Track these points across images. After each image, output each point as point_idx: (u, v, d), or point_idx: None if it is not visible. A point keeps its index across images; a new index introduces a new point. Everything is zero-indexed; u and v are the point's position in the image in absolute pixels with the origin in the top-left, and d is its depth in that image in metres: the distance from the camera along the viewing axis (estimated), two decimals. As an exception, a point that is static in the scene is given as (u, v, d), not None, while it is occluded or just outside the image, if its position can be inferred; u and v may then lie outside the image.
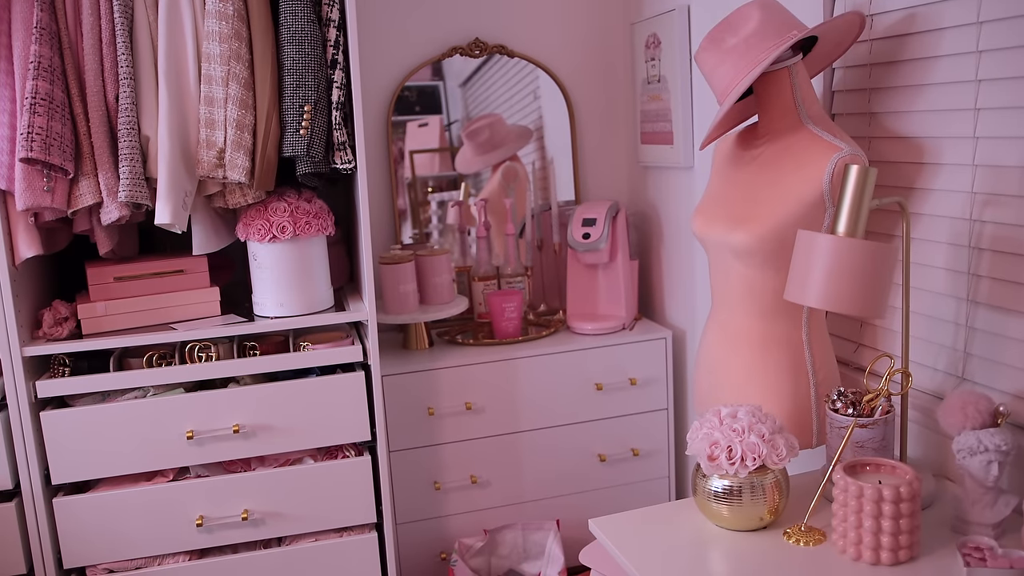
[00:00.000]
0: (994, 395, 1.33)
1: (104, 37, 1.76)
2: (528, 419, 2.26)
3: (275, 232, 1.87)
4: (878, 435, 1.34)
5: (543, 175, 2.61)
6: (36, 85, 1.67)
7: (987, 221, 1.37)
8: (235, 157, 1.79)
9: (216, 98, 1.79)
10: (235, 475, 1.92)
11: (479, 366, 2.21)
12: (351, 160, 1.90)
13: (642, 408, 2.35)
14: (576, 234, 2.36)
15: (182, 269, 1.94)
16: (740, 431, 1.30)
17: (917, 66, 1.47)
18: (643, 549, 1.32)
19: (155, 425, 1.84)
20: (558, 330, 2.41)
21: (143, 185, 1.78)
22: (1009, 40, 1.28)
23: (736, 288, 1.53)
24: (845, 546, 1.23)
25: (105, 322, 1.87)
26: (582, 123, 2.61)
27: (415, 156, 2.51)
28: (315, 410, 1.92)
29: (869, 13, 1.55)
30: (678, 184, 2.34)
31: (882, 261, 1.26)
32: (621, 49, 2.60)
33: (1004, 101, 1.31)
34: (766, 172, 1.50)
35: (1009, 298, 1.34)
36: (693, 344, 2.35)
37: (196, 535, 1.89)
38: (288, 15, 1.81)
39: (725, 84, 1.45)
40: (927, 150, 1.47)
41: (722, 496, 1.31)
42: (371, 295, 1.93)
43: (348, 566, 1.98)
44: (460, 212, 2.52)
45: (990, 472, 1.21)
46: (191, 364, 1.88)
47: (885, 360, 1.43)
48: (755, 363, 1.52)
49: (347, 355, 1.94)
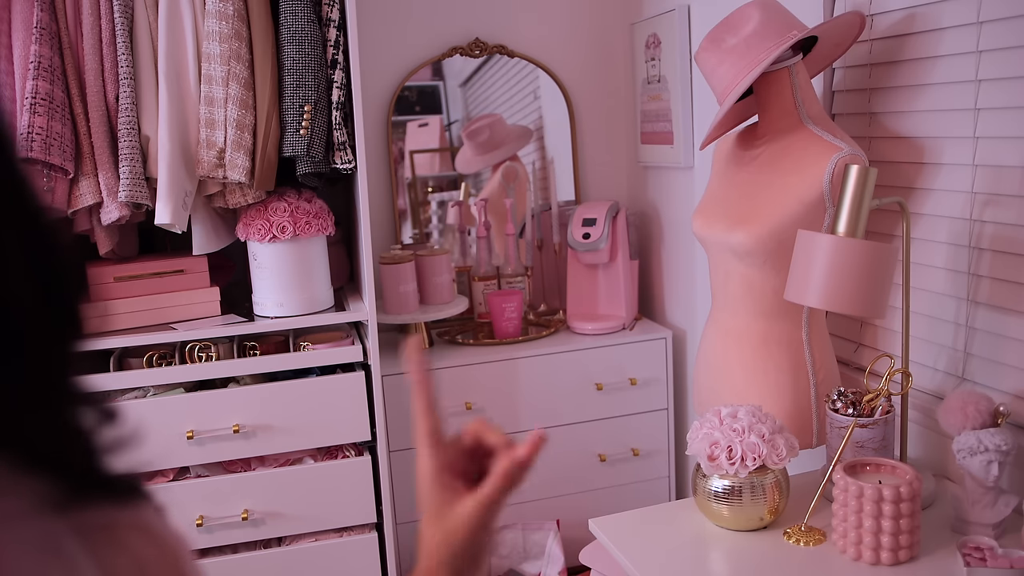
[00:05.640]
0: (994, 395, 1.33)
1: (104, 37, 1.76)
2: (528, 419, 2.26)
3: (275, 232, 1.87)
4: (878, 435, 1.34)
5: (543, 175, 2.61)
6: (36, 85, 1.67)
7: (987, 221, 1.37)
8: (235, 157, 1.79)
9: (216, 98, 1.79)
10: (235, 475, 1.92)
11: (479, 366, 2.21)
12: (351, 160, 1.90)
13: (642, 408, 2.35)
14: (576, 234, 2.35)
15: (182, 269, 1.94)
16: (740, 431, 1.30)
17: (917, 66, 1.47)
18: (643, 549, 1.32)
19: (155, 425, 1.84)
20: (558, 330, 2.41)
21: (143, 185, 1.78)
22: (1009, 40, 1.28)
23: (736, 288, 1.53)
24: (845, 546, 1.23)
25: (105, 322, 1.87)
26: (582, 123, 2.61)
27: (415, 156, 2.51)
28: (315, 410, 1.92)
29: (869, 13, 1.55)
30: (678, 184, 2.34)
31: (882, 261, 1.26)
32: (621, 49, 2.59)
33: (1004, 101, 1.31)
34: (766, 172, 1.50)
35: (1009, 298, 1.34)
36: (693, 344, 2.35)
37: (196, 535, 1.89)
38: (288, 15, 1.81)
39: (725, 84, 1.45)
40: (927, 150, 1.47)
41: (722, 496, 1.31)
42: (371, 295, 1.93)
43: (348, 566, 1.98)
44: (460, 212, 2.52)
45: (990, 472, 1.21)
46: (191, 364, 1.88)
47: (885, 360, 1.43)
48: (755, 363, 1.52)
49: (347, 355, 1.94)
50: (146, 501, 0.51)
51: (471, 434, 0.69)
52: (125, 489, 0.50)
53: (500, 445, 0.67)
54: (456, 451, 0.68)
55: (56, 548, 0.45)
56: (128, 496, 0.50)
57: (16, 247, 0.45)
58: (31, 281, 0.46)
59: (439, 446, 0.67)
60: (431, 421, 0.67)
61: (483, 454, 0.68)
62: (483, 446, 0.68)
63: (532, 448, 0.64)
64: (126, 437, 0.50)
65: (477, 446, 0.68)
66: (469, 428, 0.69)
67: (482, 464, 0.68)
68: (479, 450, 0.69)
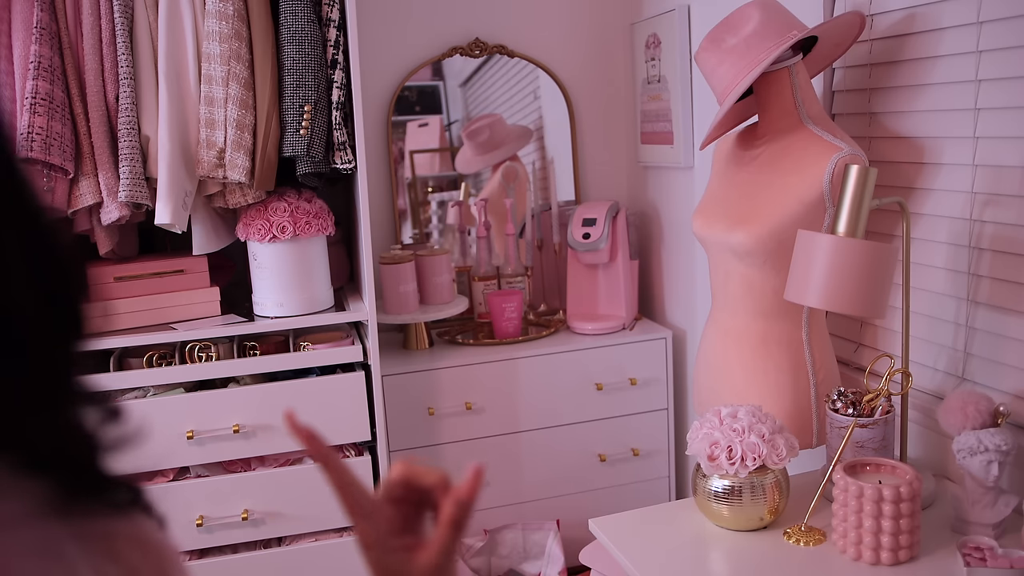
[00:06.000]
0: (994, 395, 1.33)
1: (104, 37, 1.76)
2: (528, 419, 2.26)
3: (275, 232, 1.87)
4: (878, 435, 1.34)
5: (543, 175, 2.61)
6: (36, 85, 1.67)
7: (987, 221, 1.37)
8: (235, 157, 1.79)
9: (216, 98, 1.79)
10: (235, 475, 1.92)
11: (479, 366, 2.21)
12: (351, 160, 1.90)
13: (642, 408, 2.35)
14: (576, 234, 2.35)
15: (182, 269, 1.94)
16: (740, 431, 1.30)
17: (917, 66, 1.47)
18: (643, 549, 1.32)
19: (155, 425, 1.84)
20: (558, 330, 2.41)
21: (143, 185, 1.78)
22: (1009, 40, 1.28)
23: (736, 288, 1.53)
24: (845, 546, 1.23)
25: (105, 322, 1.87)
26: (582, 123, 2.61)
27: (415, 156, 2.51)
28: (315, 410, 1.91)
29: (869, 13, 1.55)
30: (678, 184, 2.34)
31: (882, 261, 1.26)
32: (621, 49, 2.59)
33: (1004, 101, 1.31)
34: (766, 172, 1.49)
35: (1009, 298, 1.34)
36: (693, 344, 2.35)
37: (196, 535, 1.89)
38: (288, 15, 1.81)
39: (725, 84, 1.45)
40: (927, 150, 1.47)
41: (722, 496, 1.31)
42: (371, 295, 1.93)
43: (348, 566, 1.98)
44: (460, 212, 2.52)
45: (990, 472, 1.21)
46: (191, 364, 1.88)
47: (885, 360, 1.43)
48: (755, 363, 1.52)
49: (347, 355, 1.94)
50: (145, 512, 0.52)
51: (399, 480, 0.64)
52: (126, 499, 0.50)
53: (436, 486, 0.63)
54: (390, 510, 0.64)
55: (57, 553, 0.45)
56: (128, 506, 0.50)
57: (17, 248, 0.45)
58: (32, 282, 0.46)
59: (371, 515, 0.63)
60: (351, 495, 0.63)
61: (419, 498, 0.65)
62: (416, 488, 0.64)
63: (472, 486, 0.61)
64: (130, 436, 0.50)
65: (409, 491, 0.64)
66: (395, 476, 0.65)
67: (419, 508, 0.65)
68: (414, 495, 0.64)
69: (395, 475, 0.65)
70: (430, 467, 0.64)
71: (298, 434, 0.62)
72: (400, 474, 0.65)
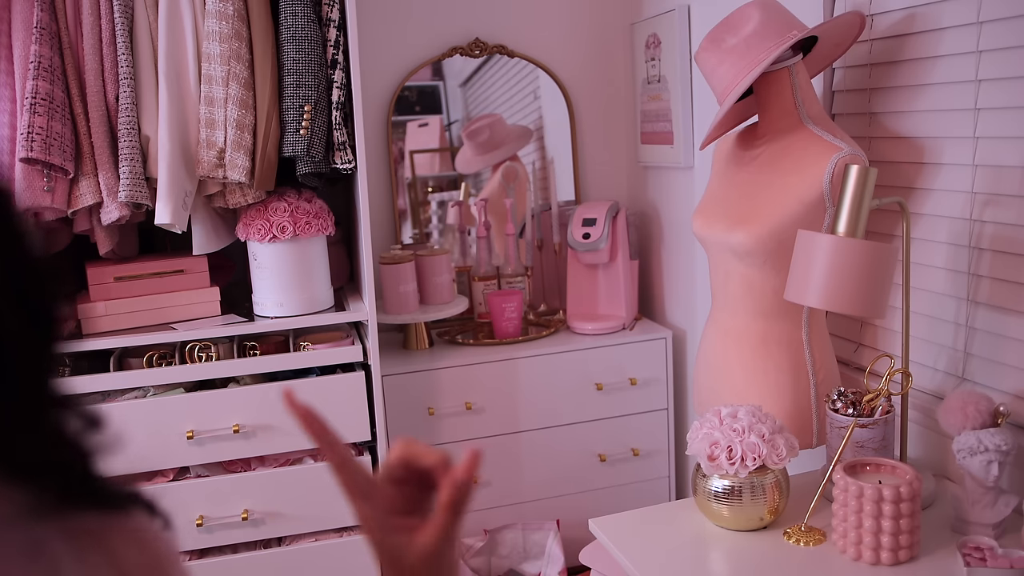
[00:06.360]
0: (994, 395, 1.33)
1: (104, 37, 1.76)
2: (528, 419, 2.26)
3: (275, 232, 1.87)
4: (878, 435, 1.34)
5: (543, 175, 2.61)
6: (36, 85, 1.67)
7: (987, 221, 1.37)
8: (235, 157, 1.79)
9: (216, 98, 1.79)
10: (235, 475, 1.92)
11: (479, 366, 2.21)
12: (351, 160, 1.90)
13: (642, 408, 2.35)
14: (576, 234, 2.35)
15: (182, 269, 1.94)
16: (740, 431, 1.30)
17: (917, 66, 1.47)
18: (643, 549, 1.32)
19: (155, 425, 1.84)
20: (558, 330, 2.41)
21: (143, 185, 1.78)
22: (1009, 40, 1.28)
23: (736, 288, 1.53)
24: (845, 546, 1.23)
25: (105, 322, 1.87)
26: (582, 123, 2.61)
27: (415, 156, 2.51)
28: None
29: (869, 13, 1.55)
30: (678, 184, 2.34)
31: (882, 261, 1.26)
32: (621, 49, 2.59)
33: (1004, 101, 1.31)
34: (766, 172, 1.49)
35: (1009, 298, 1.34)
36: (693, 344, 2.35)
37: (196, 535, 1.89)
38: (288, 15, 1.81)
39: (725, 84, 1.45)
40: (927, 150, 1.47)
41: (722, 496, 1.31)
42: (371, 295, 1.93)
43: (348, 566, 1.98)
44: (460, 212, 2.52)
45: (990, 472, 1.21)
46: (191, 364, 1.88)
47: (885, 360, 1.43)
48: (755, 363, 1.52)
49: (347, 355, 1.94)
50: (138, 508, 0.51)
51: (399, 461, 0.63)
52: (116, 496, 0.50)
53: (436, 465, 0.62)
54: (390, 490, 0.64)
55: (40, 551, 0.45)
56: (119, 503, 0.50)
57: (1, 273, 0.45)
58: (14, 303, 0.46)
59: (370, 496, 0.62)
60: (350, 476, 0.62)
61: (419, 477, 0.64)
62: (416, 469, 0.63)
63: (469, 467, 0.60)
64: (110, 441, 0.50)
65: (410, 471, 0.64)
66: (394, 457, 0.64)
67: (421, 488, 0.64)
68: (413, 475, 0.64)
69: (395, 455, 0.64)
70: (430, 447, 0.63)
71: (296, 412, 0.62)
72: (400, 454, 0.64)
